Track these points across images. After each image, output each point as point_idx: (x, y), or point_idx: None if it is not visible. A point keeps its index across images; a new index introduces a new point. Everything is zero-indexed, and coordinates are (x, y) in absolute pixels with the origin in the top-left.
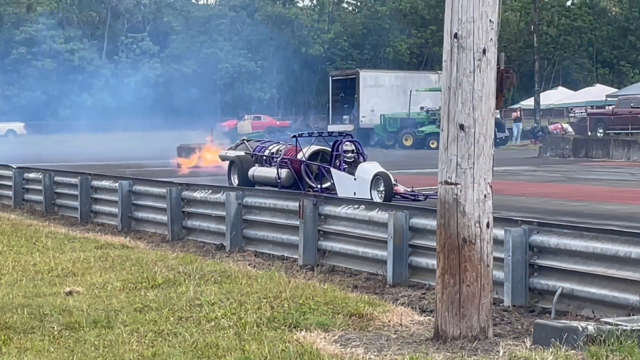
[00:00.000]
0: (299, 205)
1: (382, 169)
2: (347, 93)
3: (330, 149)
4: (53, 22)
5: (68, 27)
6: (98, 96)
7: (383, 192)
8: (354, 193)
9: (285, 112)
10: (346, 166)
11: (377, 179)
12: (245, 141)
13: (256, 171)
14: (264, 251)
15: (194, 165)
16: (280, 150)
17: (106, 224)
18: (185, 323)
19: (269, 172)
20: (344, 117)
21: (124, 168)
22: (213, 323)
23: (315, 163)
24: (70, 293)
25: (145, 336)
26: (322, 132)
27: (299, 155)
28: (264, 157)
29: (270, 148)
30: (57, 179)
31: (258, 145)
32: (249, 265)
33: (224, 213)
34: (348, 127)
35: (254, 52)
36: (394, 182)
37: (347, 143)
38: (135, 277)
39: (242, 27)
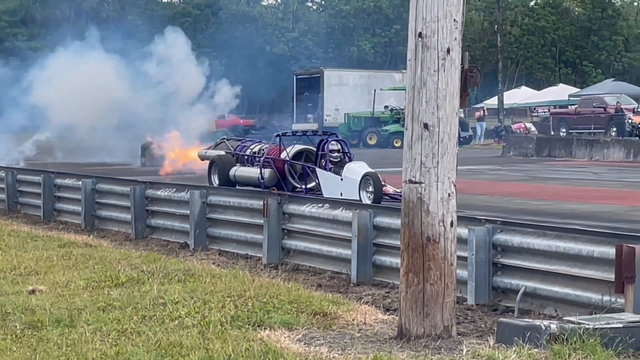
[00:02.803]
0: (263, 203)
1: (370, 169)
2: (311, 92)
3: (314, 149)
4: (16, 20)
5: (31, 25)
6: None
7: (372, 193)
8: (341, 194)
9: (249, 110)
10: (332, 166)
11: (366, 179)
12: (225, 140)
13: (237, 171)
14: (228, 250)
15: None
16: (263, 150)
17: (69, 222)
18: (149, 322)
19: (251, 172)
20: (309, 115)
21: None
22: (177, 322)
23: (300, 163)
24: (33, 292)
25: (109, 335)
26: (307, 132)
27: (283, 155)
28: (246, 157)
29: (252, 147)
30: (20, 177)
31: (239, 145)
32: (213, 263)
33: (188, 212)
34: (312, 126)
35: (218, 50)
36: (382, 182)
37: (333, 142)
38: (98, 275)
39: (206, 26)
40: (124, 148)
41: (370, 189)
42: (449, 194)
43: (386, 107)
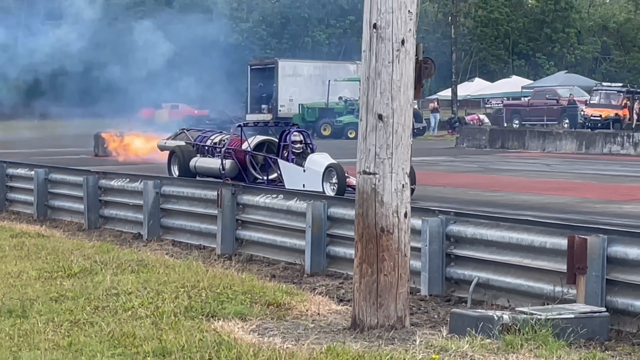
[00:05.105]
0: (217, 194)
1: (333, 161)
2: (265, 82)
3: (276, 140)
4: None
5: None
6: (12, 82)
7: (336, 185)
8: (303, 185)
9: (203, 100)
10: (294, 157)
11: (329, 171)
12: (185, 130)
13: (198, 162)
14: (181, 240)
15: None
16: (224, 140)
17: (22, 212)
18: (102, 312)
19: (212, 162)
20: (263, 106)
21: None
22: (130, 312)
23: (261, 154)
24: None
25: (61, 326)
26: (268, 122)
27: (244, 146)
28: (206, 147)
29: (212, 138)
30: None
31: (200, 135)
32: (167, 254)
33: (142, 202)
34: (267, 117)
35: (172, 40)
36: (346, 174)
37: (295, 133)
38: (51, 266)
39: (160, 15)
40: None
41: (334, 180)
42: (402, 185)
43: (340, 98)
